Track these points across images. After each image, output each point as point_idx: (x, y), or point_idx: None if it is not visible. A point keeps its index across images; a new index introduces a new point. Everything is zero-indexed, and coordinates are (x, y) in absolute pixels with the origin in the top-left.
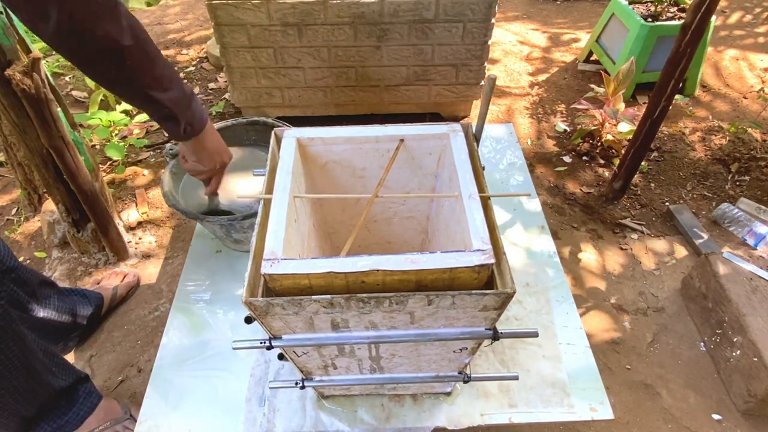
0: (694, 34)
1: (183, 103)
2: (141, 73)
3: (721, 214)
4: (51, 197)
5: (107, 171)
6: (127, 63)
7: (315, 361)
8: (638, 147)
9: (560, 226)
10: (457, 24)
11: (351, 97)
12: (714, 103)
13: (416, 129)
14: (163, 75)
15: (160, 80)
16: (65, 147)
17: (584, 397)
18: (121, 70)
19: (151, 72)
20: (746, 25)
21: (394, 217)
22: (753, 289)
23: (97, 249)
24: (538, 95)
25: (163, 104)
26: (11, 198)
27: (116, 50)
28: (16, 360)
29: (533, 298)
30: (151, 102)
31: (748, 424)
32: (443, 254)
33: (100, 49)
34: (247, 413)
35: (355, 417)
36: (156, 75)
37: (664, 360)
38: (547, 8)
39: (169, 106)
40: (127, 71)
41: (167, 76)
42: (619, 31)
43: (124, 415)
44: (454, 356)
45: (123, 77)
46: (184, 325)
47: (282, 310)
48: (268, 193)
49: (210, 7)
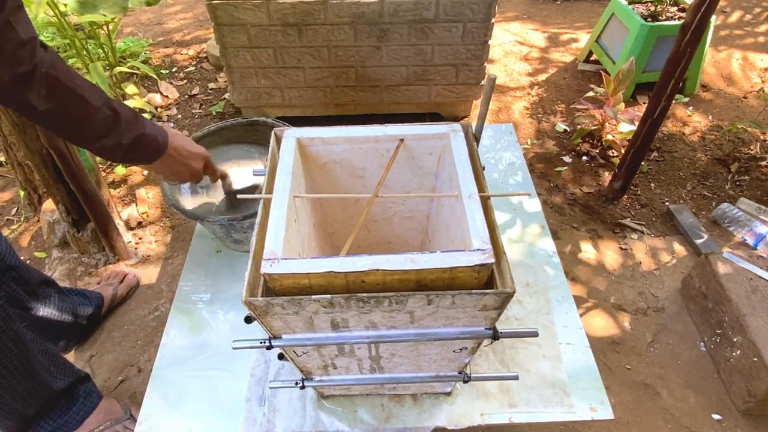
0: (694, 34)
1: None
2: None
3: (721, 214)
4: (51, 197)
5: (107, 171)
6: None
7: (315, 361)
8: (638, 147)
9: (560, 226)
10: (457, 24)
11: (351, 97)
12: (714, 103)
13: (416, 129)
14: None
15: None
16: (65, 147)
17: (584, 397)
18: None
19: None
20: (746, 24)
21: (394, 217)
22: (753, 289)
23: (97, 249)
24: (538, 95)
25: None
26: (11, 198)
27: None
28: (15, 359)
29: (533, 298)
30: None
31: (748, 424)
32: (443, 254)
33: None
34: (247, 413)
35: (355, 417)
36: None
37: (664, 360)
38: (547, 8)
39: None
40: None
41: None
42: (619, 31)
43: (124, 415)
44: (454, 356)
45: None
46: (184, 325)
47: (282, 310)
48: (268, 193)
49: (210, 7)
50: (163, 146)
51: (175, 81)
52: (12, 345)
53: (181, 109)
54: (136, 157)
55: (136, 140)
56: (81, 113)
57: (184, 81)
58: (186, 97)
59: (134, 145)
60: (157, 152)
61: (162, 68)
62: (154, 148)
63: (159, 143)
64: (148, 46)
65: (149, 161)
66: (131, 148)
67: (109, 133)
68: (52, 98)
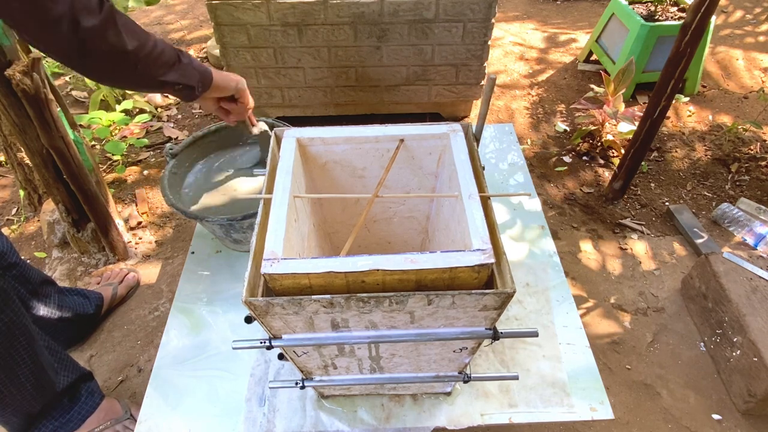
0: (694, 34)
1: (189, 71)
2: (150, 68)
3: (721, 214)
4: (51, 197)
5: (107, 171)
6: (138, 63)
7: (315, 361)
8: (638, 147)
9: (560, 226)
10: (457, 24)
11: (351, 97)
12: (714, 103)
13: (416, 129)
14: (167, 59)
15: (165, 65)
16: (65, 147)
17: (584, 397)
18: (134, 70)
19: (157, 62)
20: (747, 24)
21: (394, 217)
22: (753, 289)
23: (97, 249)
24: (538, 95)
25: (176, 82)
26: (11, 198)
27: (123, 55)
28: (24, 354)
29: (533, 298)
30: (166, 85)
31: (748, 424)
32: (443, 254)
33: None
34: (247, 413)
35: (355, 417)
36: (161, 62)
37: (664, 360)
38: (547, 8)
39: (181, 81)
40: (139, 70)
41: (169, 56)
42: (619, 31)
43: (124, 415)
44: (454, 356)
45: (136, 75)
46: (184, 325)
47: (282, 310)
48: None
49: (210, 7)
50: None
51: None
52: (23, 339)
53: (181, 109)
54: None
55: (190, 58)
56: (153, 43)
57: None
58: None
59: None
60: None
61: None
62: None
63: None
64: None
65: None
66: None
67: (177, 58)
68: (133, 36)
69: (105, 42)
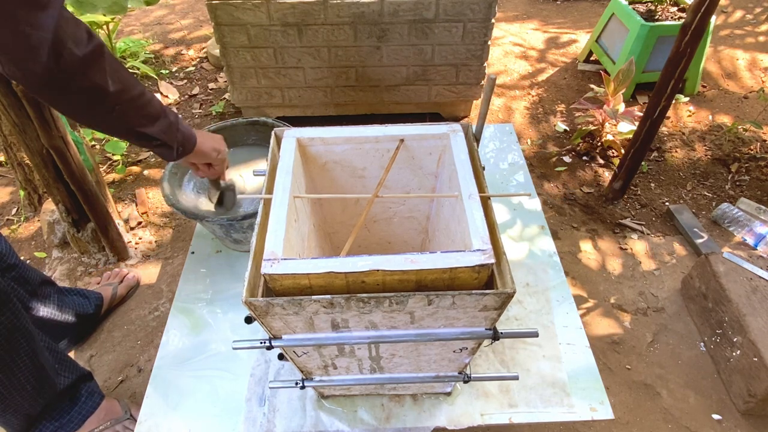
0: (694, 34)
1: (172, 130)
2: (128, 116)
3: (721, 214)
4: (51, 197)
5: (107, 171)
6: (116, 108)
7: (315, 361)
8: (638, 147)
9: (560, 226)
10: (457, 24)
11: (351, 97)
12: (714, 103)
13: (416, 129)
14: (151, 111)
15: (147, 117)
16: (65, 147)
17: (584, 397)
18: (109, 113)
19: (139, 112)
20: (747, 24)
21: (394, 217)
22: (753, 289)
23: (97, 249)
24: (538, 95)
25: (154, 137)
26: (11, 198)
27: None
28: (26, 356)
29: (533, 298)
30: (143, 137)
31: (748, 424)
32: (443, 254)
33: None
34: (247, 413)
35: (355, 417)
36: (144, 113)
37: (664, 360)
38: (547, 8)
39: (160, 137)
40: (116, 115)
41: (154, 109)
42: (619, 31)
43: (124, 415)
44: (454, 356)
45: (112, 119)
46: (184, 325)
47: (282, 310)
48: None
49: (210, 7)
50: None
51: (175, 81)
52: (23, 341)
53: (181, 109)
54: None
55: (176, 119)
56: (139, 92)
57: (184, 81)
58: (186, 97)
59: (178, 123)
60: (192, 134)
61: (162, 68)
62: (190, 130)
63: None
64: (148, 46)
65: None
66: (178, 129)
67: (162, 114)
68: (118, 78)
69: (85, 78)
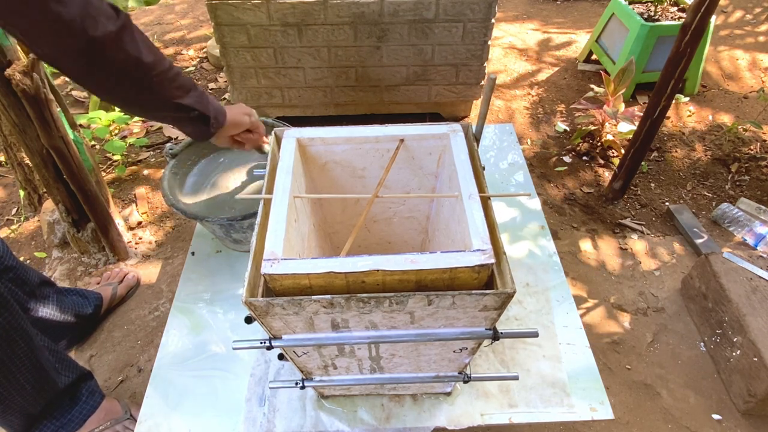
0: (694, 34)
1: (204, 100)
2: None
3: (721, 214)
4: (51, 197)
5: (107, 171)
6: (154, 79)
7: (315, 361)
8: (638, 147)
9: (560, 226)
10: (457, 24)
11: (351, 97)
12: (714, 103)
13: (416, 129)
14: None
15: (181, 86)
16: (65, 147)
17: (584, 397)
18: (148, 87)
19: (173, 83)
20: (747, 24)
21: (394, 217)
22: (753, 289)
23: (97, 249)
24: (538, 95)
25: (192, 107)
26: (11, 198)
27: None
28: (24, 356)
29: (533, 298)
30: (180, 109)
31: (748, 424)
32: (443, 254)
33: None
34: (247, 413)
35: (355, 417)
36: (177, 84)
37: (664, 360)
38: (547, 8)
39: (197, 107)
40: (155, 86)
41: (186, 80)
42: (619, 31)
43: (124, 415)
44: (454, 356)
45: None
46: (184, 325)
47: (282, 310)
48: (268, 193)
49: (210, 6)
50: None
51: None
52: (21, 342)
53: None
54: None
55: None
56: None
57: None
58: None
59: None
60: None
61: None
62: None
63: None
64: None
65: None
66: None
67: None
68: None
69: (121, 50)
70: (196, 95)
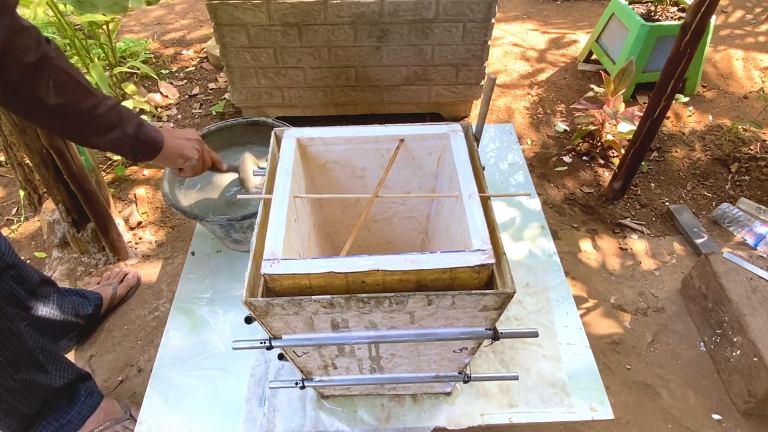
0: (694, 34)
1: (126, 141)
2: (74, 127)
3: (721, 214)
4: (51, 197)
5: (107, 171)
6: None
7: (315, 361)
8: (638, 147)
9: (560, 226)
10: (457, 24)
11: (351, 97)
12: (714, 103)
13: (416, 129)
14: (102, 123)
15: (97, 129)
16: (65, 147)
17: (584, 397)
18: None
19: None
20: (747, 24)
21: (394, 217)
22: (753, 289)
23: (97, 249)
24: (538, 95)
25: (101, 146)
26: (11, 198)
27: (43, 108)
28: (11, 356)
29: (533, 298)
30: (89, 145)
31: (748, 424)
32: (443, 254)
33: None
34: (247, 413)
35: (355, 417)
36: (93, 126)
37: (664, 360)
38: (547, 8)
39: (108, 148)
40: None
41: (106, 122)
42: (619, 31)
43: (124, 415)
44: (454, 356)
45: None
46: (184, 325)
47: (282, 311)
48: (268, 193)
49: (210, 7)
50: (161, 138)
51: (175, 81)
52: (8, 342)
53: (181, 109)
54: (142, 148)
55: (138, 129)
56: (88, 106)
57: (185, 81)
58: (186, 97)
59: (137, 134)
60: (158, 143)
61: (162, 68)
62: (155, 140)
63: (158, 135)
64: (148, 46)
65: (153, 154)
66: (136, 139)
67: (115, 126)
68: (62, 92)
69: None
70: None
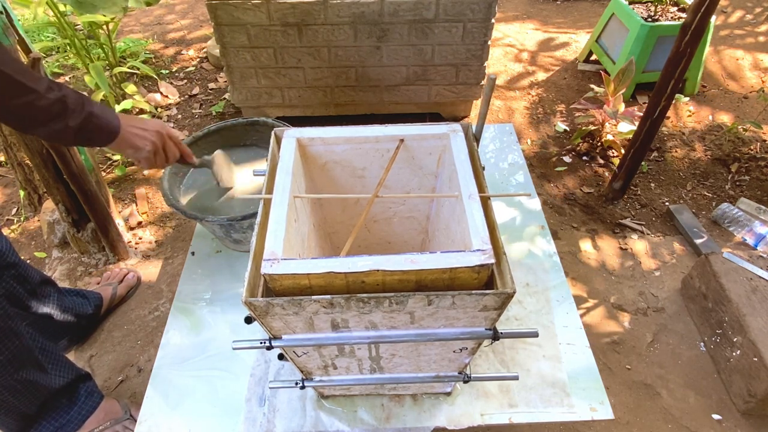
0: (694, 34)
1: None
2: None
3: (721, 214)
4: (51, 197)
5: (107, 171)
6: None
7: (315, 361)
8: (638, 147)
9: (560, 226)
10: (457, 24)
11: (351, 97)
12: (714, 103)
13: (416, 129)
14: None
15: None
16: (65, 147)
17: (584, 397)
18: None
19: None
20: (747, 24)
21: (394, 217)
22: (753, 289)
23: (97, 249)
24: (538, 95)
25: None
26: (11, 198)
27: None
28: (10, 355)
29: (533, 298)
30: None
31: (748, 424)
32: (443, 254)
33: None
34: (247, 413)
35: (355, 417)
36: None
37: (664, 360)
38: (547, 8)
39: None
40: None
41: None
42: (619, 31)
43: (124, 415)
44: (454, 356)
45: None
46: (184, 325)
47: (282, 311)
48: (268, 193)
49: (210, 7)
50: (116, 127)
51: (175, 81)
52: (8, 341)
53: (181, 109)
54: (88, 139)
55: (85, 122)
56: (22, 102)
57: (184, 81)
58: (186, 97)
59: (83, 127)
60: (111, 133)
61: (162, 68)
62: (107, 130)
63: (112, 124)
64: (148, 46)
65: (103, 143)
66: (80, 131)
67: (55, 118)
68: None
69: None
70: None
